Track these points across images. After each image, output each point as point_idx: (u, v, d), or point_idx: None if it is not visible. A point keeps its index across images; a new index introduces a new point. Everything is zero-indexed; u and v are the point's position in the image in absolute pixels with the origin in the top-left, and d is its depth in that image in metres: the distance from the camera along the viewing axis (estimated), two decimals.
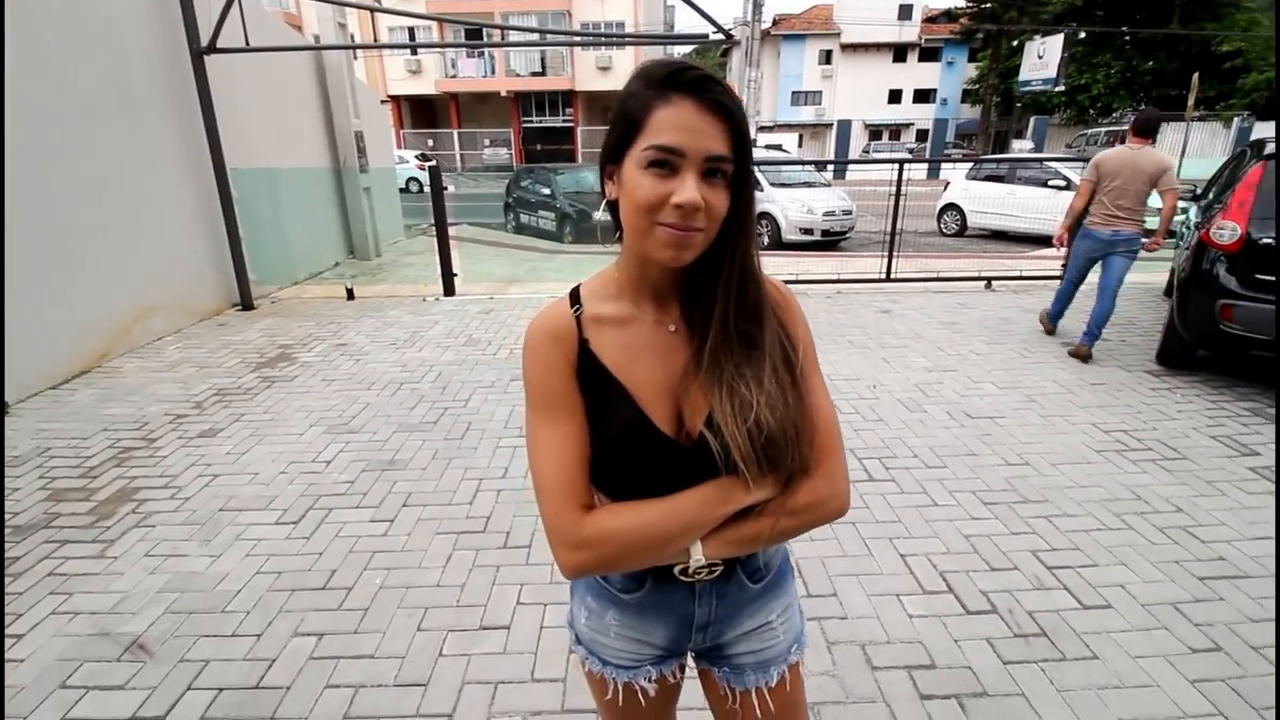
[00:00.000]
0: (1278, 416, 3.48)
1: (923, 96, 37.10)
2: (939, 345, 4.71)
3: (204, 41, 5.19)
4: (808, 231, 9.91)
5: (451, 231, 8.36)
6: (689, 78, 0.67)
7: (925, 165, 19.36)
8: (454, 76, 28.28)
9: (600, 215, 0.83)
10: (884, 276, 6.51)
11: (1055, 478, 2.87)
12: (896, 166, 6.25)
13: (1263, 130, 20.03)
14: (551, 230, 10.88)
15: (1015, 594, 2.15)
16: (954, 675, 1.83)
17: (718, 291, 0.75)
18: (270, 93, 6.54)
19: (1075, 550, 2.38)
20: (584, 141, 28.68)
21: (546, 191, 11.20)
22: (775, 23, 36.55)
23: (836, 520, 0.82)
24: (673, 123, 0.66)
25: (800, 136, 35.30)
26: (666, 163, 0.66)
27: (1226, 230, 3.68)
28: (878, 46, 36.01)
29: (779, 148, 20.61)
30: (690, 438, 0.76)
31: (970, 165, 11.56)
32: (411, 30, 27.22)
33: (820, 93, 36.62)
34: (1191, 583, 2.21)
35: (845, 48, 36.04)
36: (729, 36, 6.58)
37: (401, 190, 15.44)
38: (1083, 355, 4.36)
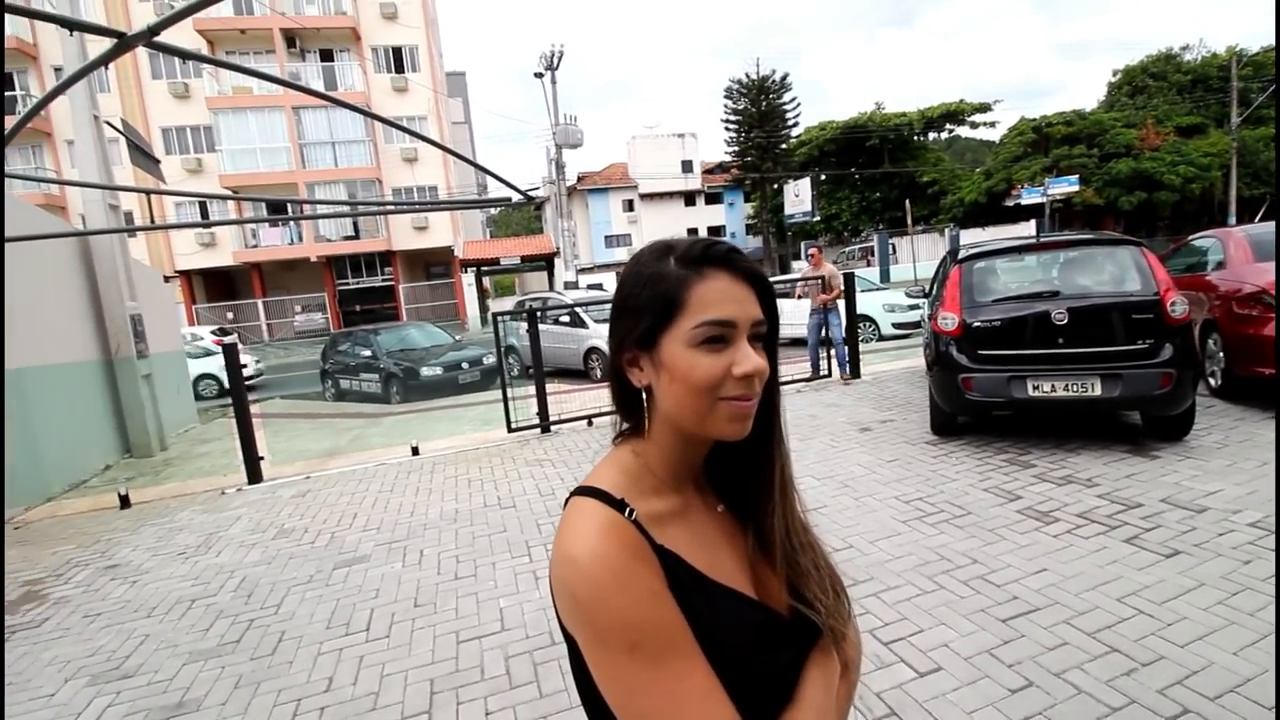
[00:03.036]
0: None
1: (715, 233, 42.67)
2: None
3: None
4: None
5: (257, 409, 7.63)
6: (720, 251, 0.66)
7: None
8: (255, 247, 27.09)
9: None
10: None
11: (875, 554, 3.14)
12: None
13: (965, 238, 25.68)
14: (377, 393, 10.38)
15: (863, 680, 2.24)
16: None
17: (772, 458, 0.71)
18: (18, 285, 5.75)
19: (903, 620, 2.57)
20: (407, 298, 28.47)
21: (367, 353, 10.80)
22: (580, 179, 40.66)
23: None
24: (720, 296, 0.64)
25: (618, 275, 38.49)
26: (721, 337, 0.63)
27: (949, 319, 4.57)
28: (670, 195, 41.34)
29: (599, 286, 22.18)
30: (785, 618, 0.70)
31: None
32: (203, 205, 26.04)
33: (629, 235, 40.56)
34: (998, 627, 2.47)
35: (644, 197, 40.85)
36: (530, 199, 7.16)
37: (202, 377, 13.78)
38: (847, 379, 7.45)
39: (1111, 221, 29.99)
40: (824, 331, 7.58)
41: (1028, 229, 27.34)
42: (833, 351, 7.58)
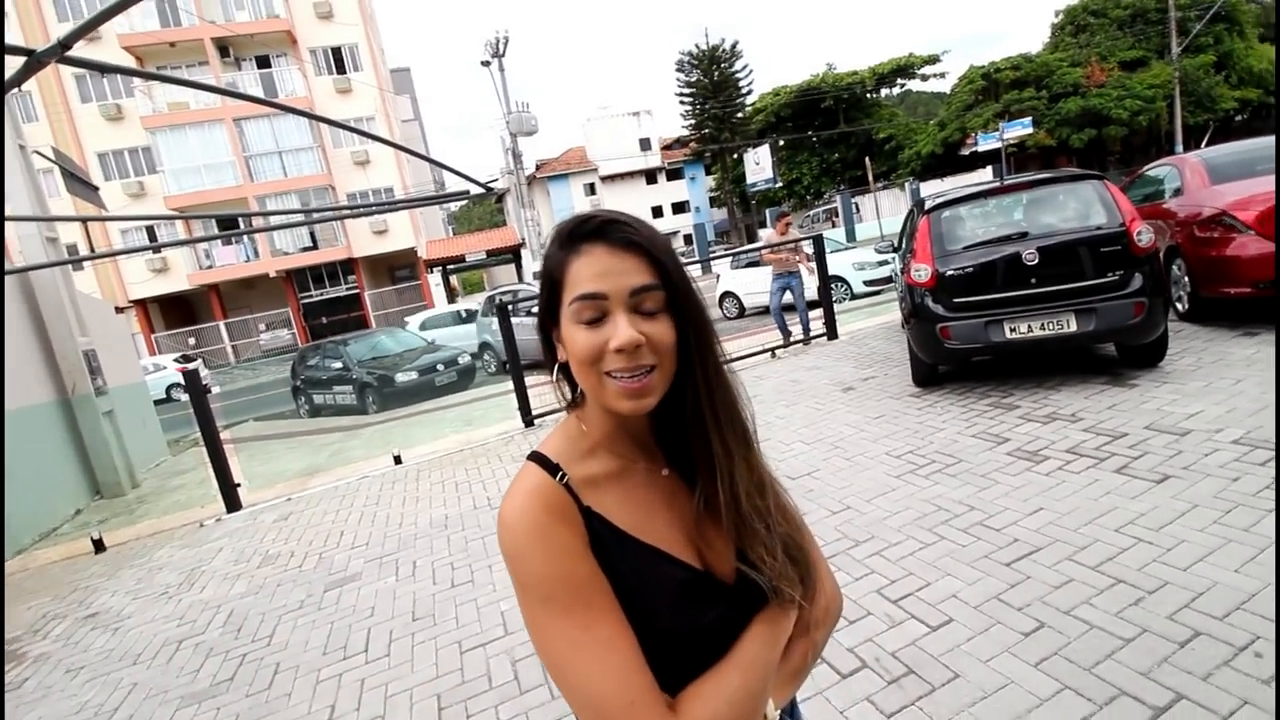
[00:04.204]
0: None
1: (679, 208, 42.48)
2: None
3: None
4: None
5: (228, 434, 7.39)
6: (592, 225, 0.67)
7: (698, 264, 21.78)
8: (210, 267, 26.22)
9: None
10: None
11: (873, 512, 3.12)
12: None
13: (927, 190, 25.90)
14: (352, 404, 10.15)
15: (876, 640, 2.21)
16: None
17: (704, 424, 0.70)
18: None
19: (910, 576, 2.55)
20: (374, 305, 27.89)
21: (338, 365, 10.54)
22: (539, 167, 40.06)
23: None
24: (589, 271, 0.65)
25: None
26: (595, 311, 0.64)
27: (922, 271, 4.55)
28: (631, 174, 40.98)
29: None
30: (727, 579, 0.71)
31: (730, 257, 13.21)
32: (150, 229, 25.08)
33: None
34: (1003, 571, 2.46)
35: (605, 179, 40.44)
36: (489, 190, 6.97)
37: (162, 401, 13.51)
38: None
39: (1064, 160, 30.50)
40: (786, 295, 7.52)
41: (985, 175, 27.67)
42: (792, 316, 7.65)
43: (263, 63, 26.48)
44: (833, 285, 9.08)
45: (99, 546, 5.00)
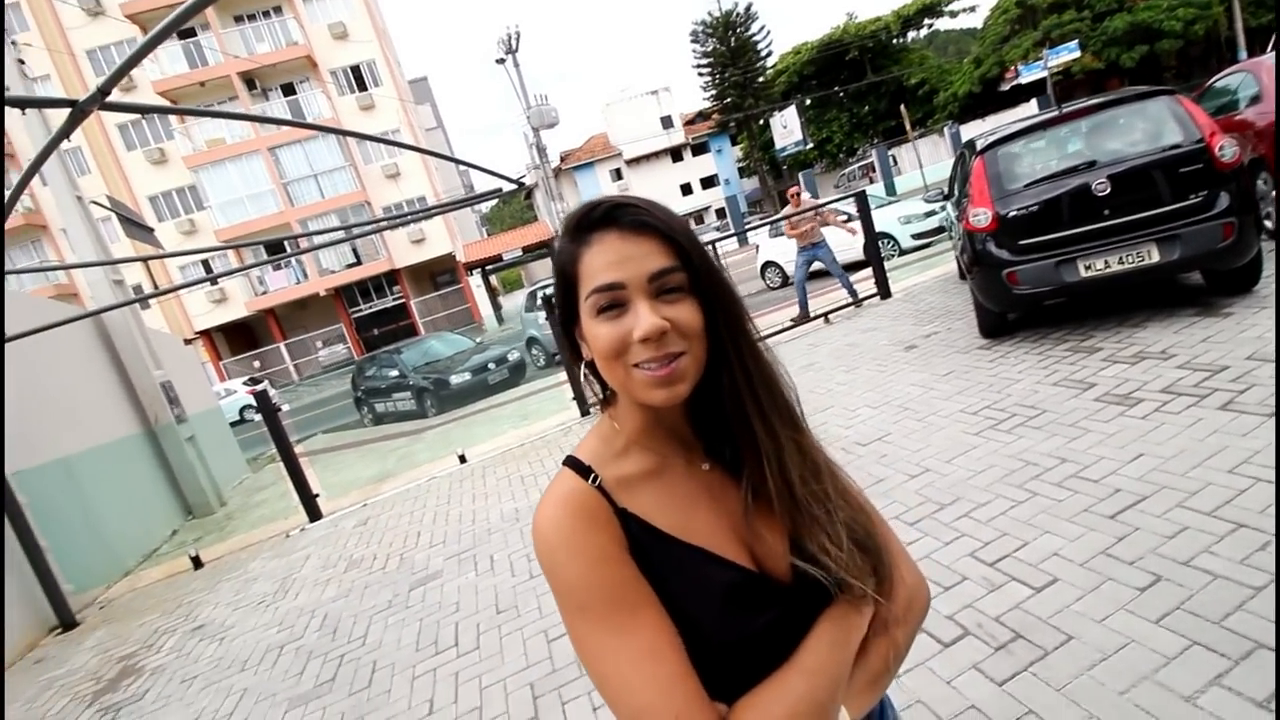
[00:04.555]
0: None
1: (709, 182, 41.81)
2: (807, 388, 4.95)
3: None
4: None
5: (301, 448, 7.70)
6: (600, 212, 0.63)
7: (734, 237, 21.39)
8: (264, 293, 27.33)
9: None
10: None
11: (955, 473, 2.99)
12: (710, 247, 6.83)
13: (968, 132, 24.70)
14: (412, 409, 10.43)
15: (976, 606, 2.12)
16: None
17: (747, 411, 0.65)
18: (46, 377, 5.81)
19: (1004, 536, 2.43)
20: (420, 312, 28.57)
21: (395, 373, 10.83)
22: (563, 159, 40.07)
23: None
24: (602, 261, 0.61)
25: None
26: (613, 302, 0.61)
27: (981, 215, 4.31)
28: (656, 154, 40.50)
29: None
30: (783, 578, 0.65)
31: (768, 226, 12.90)
32: (205, 263, 26.26)
33: None
34: (1107, 524, 2.32)
35: (630, 162, 40.12)
36: (520, 185, 6.96)
37: (236, 423, 14.20)
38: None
39: (1116, 82, 28.52)
40: (814, 265, 7.28)
41: (1030, 109, 26.15)
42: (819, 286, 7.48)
43: (288, 90, 27.20)
44: (879, 243, 8.77)
45: (197, 563, 5.29)
